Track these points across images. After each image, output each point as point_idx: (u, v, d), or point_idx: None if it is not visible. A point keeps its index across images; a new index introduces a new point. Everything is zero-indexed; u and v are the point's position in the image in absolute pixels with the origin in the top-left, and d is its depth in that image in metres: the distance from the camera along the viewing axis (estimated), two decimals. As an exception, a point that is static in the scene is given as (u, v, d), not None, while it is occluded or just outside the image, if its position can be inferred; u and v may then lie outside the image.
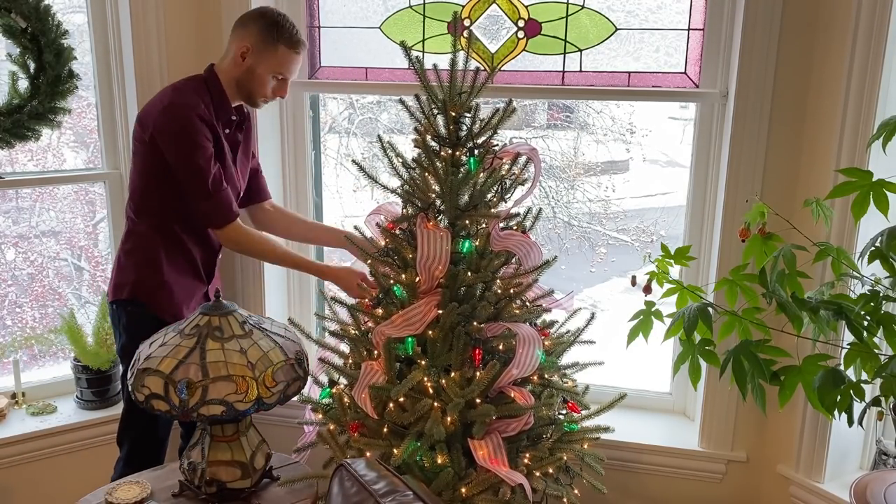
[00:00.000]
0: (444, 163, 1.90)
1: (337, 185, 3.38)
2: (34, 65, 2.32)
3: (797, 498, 2.29)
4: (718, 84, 2.30)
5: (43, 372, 2.84)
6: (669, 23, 2.34)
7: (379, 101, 3.42)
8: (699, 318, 1.64)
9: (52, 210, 3.27)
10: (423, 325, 1.85)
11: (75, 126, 3.01)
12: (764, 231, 1.72)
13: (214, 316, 1.89)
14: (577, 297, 2.85)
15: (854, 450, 2.27)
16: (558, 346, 2.08)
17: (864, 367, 1.64)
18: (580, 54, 2.41)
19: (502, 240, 1.92)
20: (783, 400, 1.64)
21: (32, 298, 3.18)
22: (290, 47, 2.19)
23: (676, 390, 2.63)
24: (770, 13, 2.09)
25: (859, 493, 1.76)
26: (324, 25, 2.62)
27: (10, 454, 2.49)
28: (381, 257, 2.03)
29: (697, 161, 2.40)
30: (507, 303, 1.94)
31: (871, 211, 1.60)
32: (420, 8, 2.50)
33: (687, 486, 2.46)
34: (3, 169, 2.68)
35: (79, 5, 2.61)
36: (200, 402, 1.78)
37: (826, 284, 1.74)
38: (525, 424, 1.85)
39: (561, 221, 3.29)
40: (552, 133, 3.31)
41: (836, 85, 2.05)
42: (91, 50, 2.56)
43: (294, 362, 1.93)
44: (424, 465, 1.83)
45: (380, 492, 1.29)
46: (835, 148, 2.06)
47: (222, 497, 1.93)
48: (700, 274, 2.44)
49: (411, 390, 1.85)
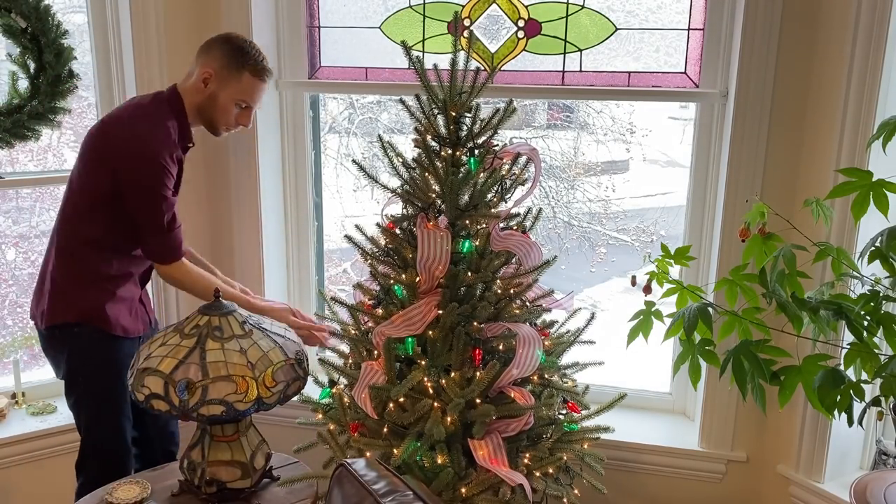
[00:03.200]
0: (445, 163, 1.90)
1: (337, 185, 3.38)
2: (34, 65, 2.32)
3: (797, 498, 2.29)
4: (718, 84, 2.30)
5: (43, 372, 2.83)
6: (669, 23, 2.34)
7: (379, 101, 3.41)
8: (699, 318, 1.64)
9: (52, 210, 3.26)
10: (424, 326, 1.85)
11: (75, 126, 3.01)
12: (764, 231, 1.72)
13: (214, 316, 1.89)
14: (577, 297, 2.86)
15: (854, 450, 2.27)
16: (558, 346, 2.08)
17: (864, 367, 1.64)
18: (580, 54, 2.41)
19: (502, 240, 1.92)
20: (783, 400, 1.63)
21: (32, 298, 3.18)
22: (255, 75, 2.12)
23: (676, 390, 2.63)
24: (770, 13, 2.09)
25: (859, 493, 1.77)
26: (324, 25, 2.62)
27: (10, 454, 2.49)
28: (381, 257, 2.03)
29: (697, 161, 2.40)
30: (507, 303, 1.94)
31: (871, 211, 1.60)
32: (420, 8, 2.50)
33: (687, 486, 2.46)
34: (3, 169, 2.68)
35: (79, 5, 2.61)
36: (200, 402, 1.78)
37: (826, 284, 1.74)
38: (525, 424, 1.85)
39: (561, 221, 3.29)
40: (552, 133, 3.31)
41: (836, 85, 2.05)
42: (91, 50, 2.56)
43: (294, 362, 1.93)
44: (424, 465, 1.83)
45: (380, 492, 1.29)
46: (835, 148, 2.06)
47: (222, 497, 1.93)
48: (700, 274, 2.44)
49: (411, 390, 1.85)
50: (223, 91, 2.11)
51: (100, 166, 2.04)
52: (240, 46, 2.11)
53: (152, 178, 2.01)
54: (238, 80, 2.11)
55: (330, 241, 3.06)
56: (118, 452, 2.20)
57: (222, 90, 2.11)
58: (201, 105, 2.13)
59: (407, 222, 1.98)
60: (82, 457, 2.20)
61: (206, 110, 2.14)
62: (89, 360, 2.13)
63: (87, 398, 2.17)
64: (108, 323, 2.11)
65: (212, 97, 2.11)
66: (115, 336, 2.13)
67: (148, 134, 2.03)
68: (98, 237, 2.08)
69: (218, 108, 2.13)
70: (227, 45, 2.11)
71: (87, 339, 2.11)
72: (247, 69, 2.10)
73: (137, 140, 2.02)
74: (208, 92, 2.11)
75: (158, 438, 2.36)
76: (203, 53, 2.13)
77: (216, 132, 2.20)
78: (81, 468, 2.21)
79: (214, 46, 2.12)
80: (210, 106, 2.13)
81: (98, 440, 2.19)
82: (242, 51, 2.10)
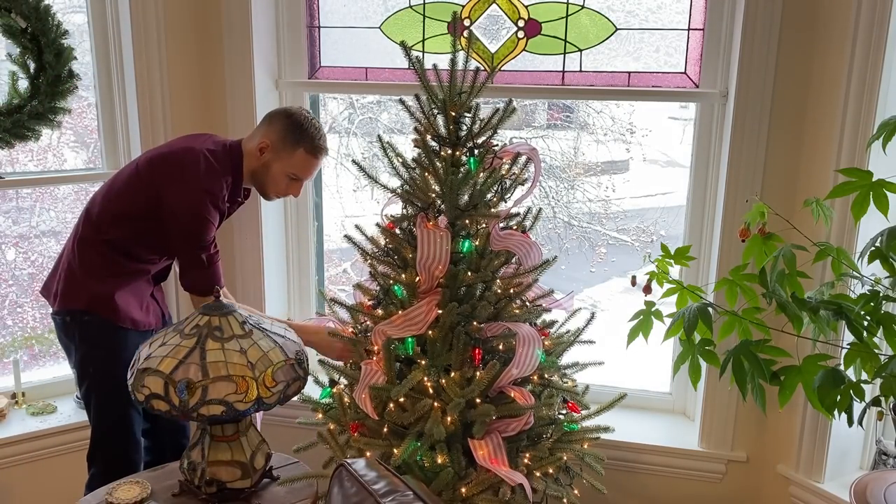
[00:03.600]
0: (444, 163, 1.90)
1: (337, 185, 3.38)
2: (34, 65, 2.32)
3: (797, 498, 2.29)
4: (718, 84, 2.30)
5: (43, 372, 2.83)
6: (669, 23, 2.34)
7: (379, 101, 3.41)
8: (699, 318, 1.64)
9: (52, 210, 3.26)
10: (425, 326, 1.85)
11: (75, 126, 3.01)
12: (764, 231, 1.72)
13: (214, 316, 1.89)
14: (577, 297, 2.85)
15: (854, 450, 2.27)
16: (558, 345, 2.08)
17: (864, 367, 1.64)
18: (580, 54, 2.41)
19: (502, 240, 1.92)
20: (783, 400, 1.63)
21: (33, 298, 3.17)
22: (309, 153, 2.19)
23: (676, 390, 2.63)
24: (770, 13, 2.09)
25: (859, 493, 1.77)
26: (324, 25, 2.62)
27: (10, 454, 2.49)
28: (381, 257, 2.03)
29: (697, 161, 2.40)
30: (507, 303, 1.94)
31: (871, 211, 1.60)
32: (420, 8, 2.50)
33: (687, 486, 2.46)
34: (3, 169, 2.68)
35: (79, 5, 2.61)
36: (200, 402, 1.78)
37: (826, 284, 1.74)
38: (525, 424, 1.85)
39: (561, 221, 3.29)
40: (552, 133, 3.30)
41: (836, 85, 2.05)
42: (91, 50, 2.56)
43: (294, 362, 1.93)
44: (424, 465, 1.83)
45: (380, 492, 1.29)
46: (835, 148, 2.06)
47: (222, 497, 1.93)
48: (700, 274, 2.44)
49: (411, 390, 1.85)
50: (277, 162, 2.19)
51: (149, 188, 2.12)
52: (299, 123, 2.18)
53: (197, 222, 2.10)
54: (291, 156, 2.19)
55: (330, 241, 3.06)
56: (124, 444, 2.23)
57: (276, 161, 2.19)
58: (255, 170, 2.22)
59: (407, 222, 1.98)
60: (92, 447, 2.25)
61: (258, 176, 2.22)
62: (98, 349, 2.18)
63: (95, 387, 2.21)
64: (116, 313, 2.16)
65: (266, 165, 2.20)
66: (124, 328, 2.16)
67: (204, 183, 2.11)
68: (122, 241, 2.15)
69: (270, 177, 2.22)
70: (288, 119, 2.19)
71: (96, 328, 2.16)
72: (302, 146, 2.18)
73: (192, 186, 2.10)
74: (263, 160, 2.19)
75: (170, 431, 2.40)
76: (266, 123, 2.22)
77: (266, 196, 2.30)
78: (91, 459, 2.25)
79: (276, 119, 2.20)
80: (263, 173, 2.21)
81: (105, 430, 2.23)
82: (301, 127, 2.18)
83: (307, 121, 2.19)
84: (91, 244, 2.16)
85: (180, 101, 2.56)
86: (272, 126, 2.19)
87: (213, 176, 2.13)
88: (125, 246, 2.16)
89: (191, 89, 2.58)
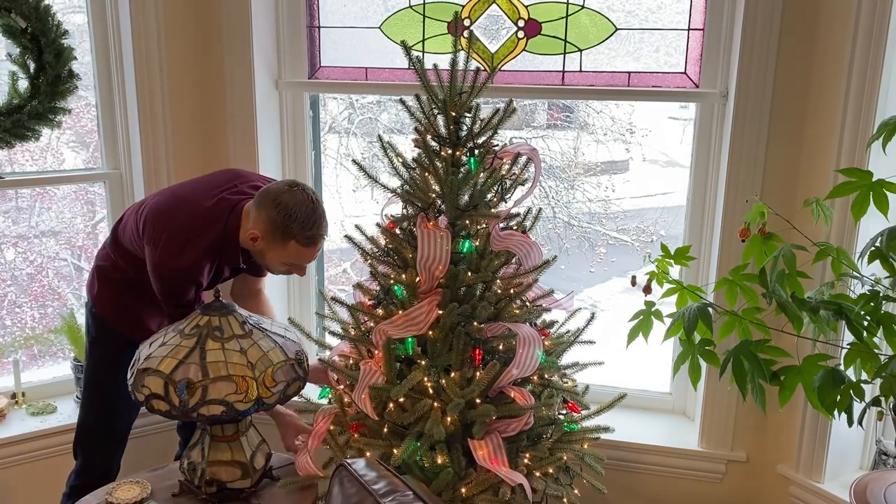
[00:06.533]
0: (444, 163, 1.90)
1: (337, 185, 3.38)
2: (34, 65, 2.32)
3: (797, 498, 2.29)
4: (718, 84, 2.30)
5: (43, 372, 2.83)
6: (669, 23, 2.34)
7: (379, 101, 3.41)
8: (699, 318, 1.64)
9: (51, 210, 3.26)
10: (427, 326, 1.85)
11: (75, 126, 3.01)
12: (764, 231, 1.72)
13: (214, 316, 1.89)
14: (577, 297, 2.85)
15: (854, 450, 2.27)
16: (558, 346, 2.08)
17: (864, 367, 1.64)
18: (580, 54, 2.41)
19: (502, 240, 1.92)
20: (783, 400, 1.64)
21: (32, 298, 3.18)
22: (302, 244, 1.98)
23: (676, 390, 2.63)
24: (770, 13, 2.09)
25: (859, 493, 1.76)
26: (324, 25, 2.62)
27: (10, 454, 2.49)
28: (381, 257, 2.03)
29: (697, 161, 2.40)
30: (507, 303, 1.94)
31: (871, 211, 1.61)
32: (420, 8, 2.50)
33: (687, 486, 2.46)
34: (3, 169, 2.68)
35: (79, 5, 2.61)
36: (200, 402, 1.78)
37: (826, 284, 1.74)
38: (525, 424, 1.85)
39: (561, 221, 3.29)
40: (552, 133, 3.31)
41: (836, 85, 2.05)
42: (91, 50, 2.56)
43: (294, 362, 1.92)
44: (424, 465, 1.83)
45: (380, 492, 1.29)
46: (835, 148, 2.06)
47: (222, 497, 1.93)
48: (700, 274, 2.44)
49: (411, 390, 1.85)
50: (270, 252, 2.02)
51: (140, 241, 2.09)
52: (287, 214, 1.94)
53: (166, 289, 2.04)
54: (284, 248, 1.99)
55: (330, 241, 3.06)
56: (100, 440, 2.28)
57: (270, 251, 2.01)
58: (253, 253, 2.07)
59: (407, 222, 1.98)
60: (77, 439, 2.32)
61: (257, 257, 2.08)
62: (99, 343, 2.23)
63: (86, 379, 2.29)
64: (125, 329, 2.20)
65: (260, 253, 2.04)
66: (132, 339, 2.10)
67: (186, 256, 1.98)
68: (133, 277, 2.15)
69: (266, 262, 2.07)
70: (275, 211, 1.94)
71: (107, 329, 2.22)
72: (293, 238, 1.97)
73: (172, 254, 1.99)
74: (258, 248, 2.02)
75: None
76: (255, 207, 1.99)
77: (271, 272, 2.17)
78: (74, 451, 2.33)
79: (264, 207, 1.97)
80: (259, 257, 2.07)
81: (82, 422, 2.30)
82: (289, 219, 1.94)
83: (297, 208, 1.94)
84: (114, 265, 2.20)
85: (180, 101, 2.56)
86: (261, 215, 1.97)
87: (191, 235, 1.99)
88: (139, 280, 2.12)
89: (191, 89, 2.58)
